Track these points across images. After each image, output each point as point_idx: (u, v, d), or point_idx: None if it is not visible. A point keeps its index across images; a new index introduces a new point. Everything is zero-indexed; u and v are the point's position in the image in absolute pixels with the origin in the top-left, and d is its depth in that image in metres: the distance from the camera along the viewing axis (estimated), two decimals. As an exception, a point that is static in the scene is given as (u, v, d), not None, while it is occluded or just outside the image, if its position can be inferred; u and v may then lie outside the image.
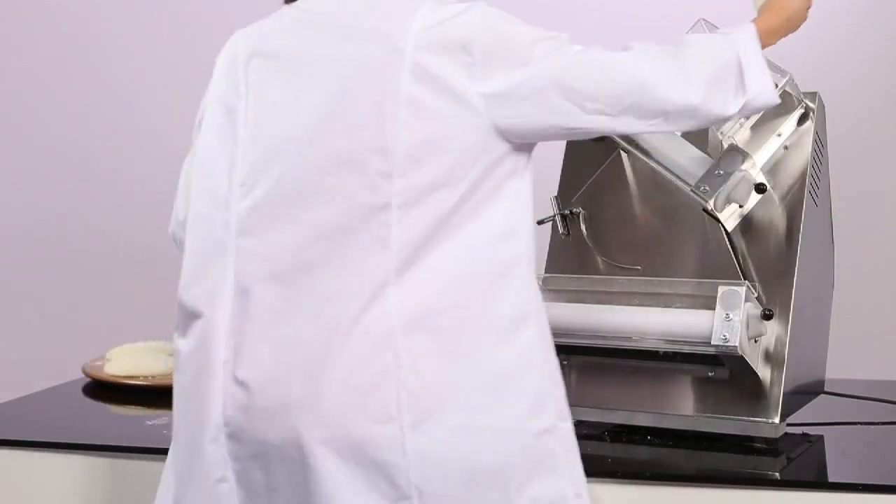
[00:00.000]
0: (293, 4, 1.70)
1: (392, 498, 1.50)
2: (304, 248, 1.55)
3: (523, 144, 1.61)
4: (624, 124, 1.62)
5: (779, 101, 1.74)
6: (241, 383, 1.54)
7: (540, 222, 2.10)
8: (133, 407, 2.37)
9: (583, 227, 2.08)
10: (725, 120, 1.76)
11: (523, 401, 1.56)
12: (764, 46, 1.73)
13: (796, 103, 2.00)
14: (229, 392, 1.55)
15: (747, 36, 1.72)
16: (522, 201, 1.62)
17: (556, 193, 2.12)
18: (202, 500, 1.59)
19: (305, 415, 1.51)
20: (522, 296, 1.58)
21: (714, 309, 1.85)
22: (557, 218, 2.09)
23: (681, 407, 1.95)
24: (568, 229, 2.09)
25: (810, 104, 2.01)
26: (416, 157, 1.53)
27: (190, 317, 1.61)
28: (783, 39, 1.87)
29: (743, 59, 1.68)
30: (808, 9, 1.84)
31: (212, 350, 1.57)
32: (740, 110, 1.68)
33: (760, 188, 1.92)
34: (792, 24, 1.83)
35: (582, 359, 2.02)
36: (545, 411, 1.57)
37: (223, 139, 1.66)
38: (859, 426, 2.10)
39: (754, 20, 1.78)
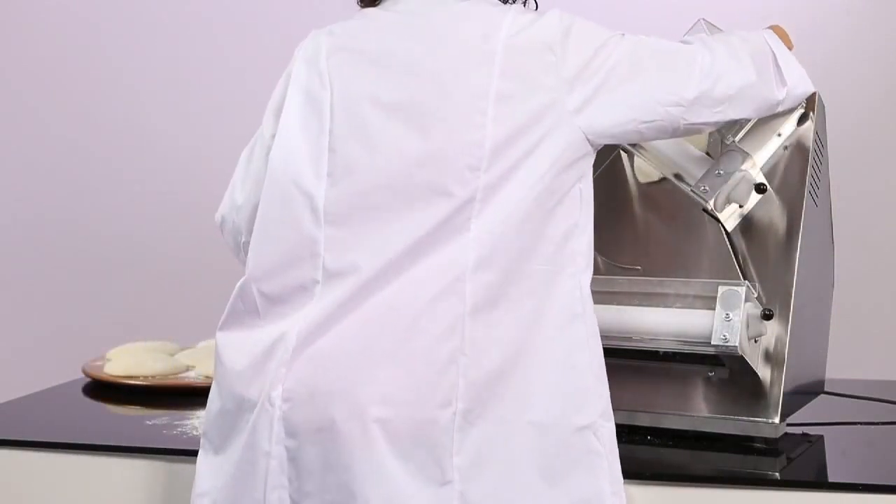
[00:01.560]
0: (381, 6, 1.74)
1: (437, 482, 1.53)
2: (391, 240, 1.59)
3: (591, 148, 1.68)
4: (696, 114, 1.70)
5: (814, 88, 1.88)
6: (310, 358, 1.57)
7: None
8: (133, 407, 2.37)
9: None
10: (776, 108, 1.84)
11: (567, 397, 1.61)
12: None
13: (796, 103, 2.00)
14: (295, 367, 1.57)
15: (771, 35, 1.87)
16: (586, 203, 1.67)
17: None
18: (250, 472, 1.61)
19: (370, 393, 1.54)
20: (574, 295, 1.63)
21: (714, 309, 1.85)
22: None
23: (681, 407, 1.95)
24: None
25: (810, 104, 2.01)
26: (501, 151, 1.59)
27: (274, 302, 1.65)
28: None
29: (776, 51, 1.82)
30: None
31: (288, 330, 1.60)
32: (784, 99, 1.82)
33: (760, 188, 1.92)
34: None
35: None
36: (588, 408, 1.63)
37: (307, 128, 1.68)
38: (859, 426, 2.10)
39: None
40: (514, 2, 1.76)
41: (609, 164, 2.09)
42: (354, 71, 1.68)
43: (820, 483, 1.80)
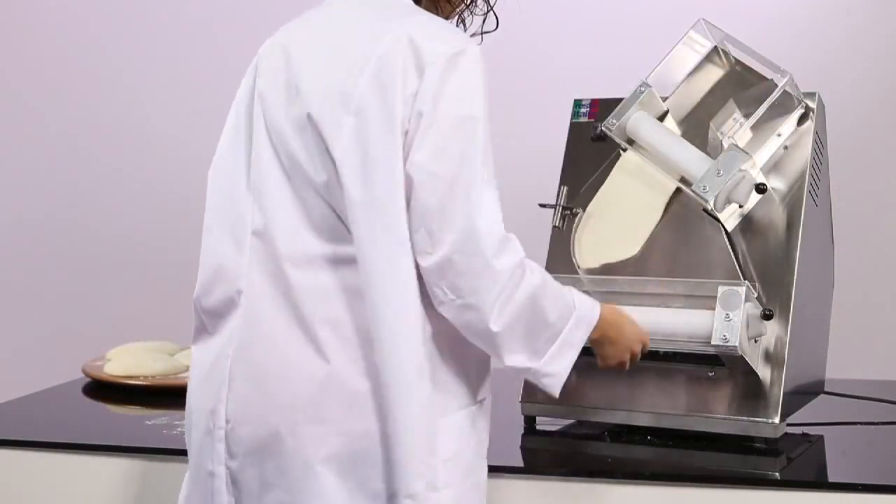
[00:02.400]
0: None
1: (377, 499, 1.54)
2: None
3: None
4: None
5: (556, 396, 1.67)
6: (247, 378, 1.58)
7: (542, 205, 2.10)
8: (133, 407, 2.37)
9: (575, 227, 2.08)
10: (497, 351, 1.61)
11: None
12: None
13: (796, 103, 2.00)
14: (234, 387, 1.58)
15: (587, 319, 1.67)
16: None
17: (566, 187, 2.11)
18: (195, 491, 1.64)
19: (304, 414, 1.54)
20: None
21: (714, 309, 1.85)
22: (559, 209, 2.08)
23: (681, 407, 1.95)
24: (563, 225, 2.08)
25: (810, 104, 2.01)
26: None
27: (212, 317, 1.66)
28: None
29: (567, 332, 1.64)
30: (633, 354, 1.80)
31: (226, 346, 1.61)
32: (516, 363, 1.60)
33: (760, 188, 1.92)
34: (615, 346, 1.77)
35: (582, 359, 2.02)
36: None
37: (237, 140, 1.68)
38: (859, 426, 2.10)
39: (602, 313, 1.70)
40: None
41: (609, 164, 2.09)
42: (276, 73, 1.66)
43: (820, 483, 1.80)
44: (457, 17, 1.76)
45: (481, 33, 1.76)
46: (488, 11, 1.77)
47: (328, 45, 1.61)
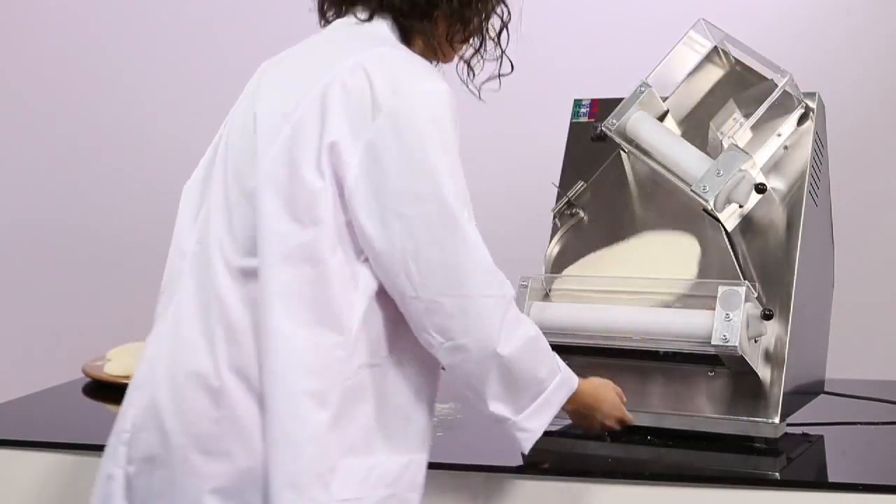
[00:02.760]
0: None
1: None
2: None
3: None
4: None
5: (525, 452, 1.66)
6: (154, 386, 1.58)
7: (554, 183, 2.09)
8: (133, 407, 2.37)
9: (574, 228, 2.08)
10: (481, 402, 1.59)
11: None
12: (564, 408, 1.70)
13: (796, 103, 2.01)
14: (142, 393, 1.59)
15: (569, 384, 1.67)
16: None
17: (580, 184, 2.12)
18: (97, 494, 1.63)
19: (196, 438, 1.53)
20: None
21: (714, 309, 1.85)
22: (565, 199, 2.08)
23: (681, 407, 1.95)
24: (569, 211, 2.08)
25: (810, 104, 2.01)
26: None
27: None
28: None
29: (550, 390, 1.63)
30: (606, 428, 1.84)
31: (149, 349, 1.64)
32: (497, 410, 1.59)
33: (760, 188, 1.92)
34: (588, 420, 1.81)
35: (582, 359, 2.02)
36: None
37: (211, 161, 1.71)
38: (859, 426, 2.10)
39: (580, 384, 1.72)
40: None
41: (609, 164, 2.09)
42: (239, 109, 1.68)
43: (820, 483, 1.80)
44: (464, 63, 1.71)
45: (499, 76, 1.72)
46: (501, 55, 1.72)
47: (290, 71, 1.62)
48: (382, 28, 1.63)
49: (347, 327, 1.50)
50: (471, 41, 1.69)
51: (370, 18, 1.63)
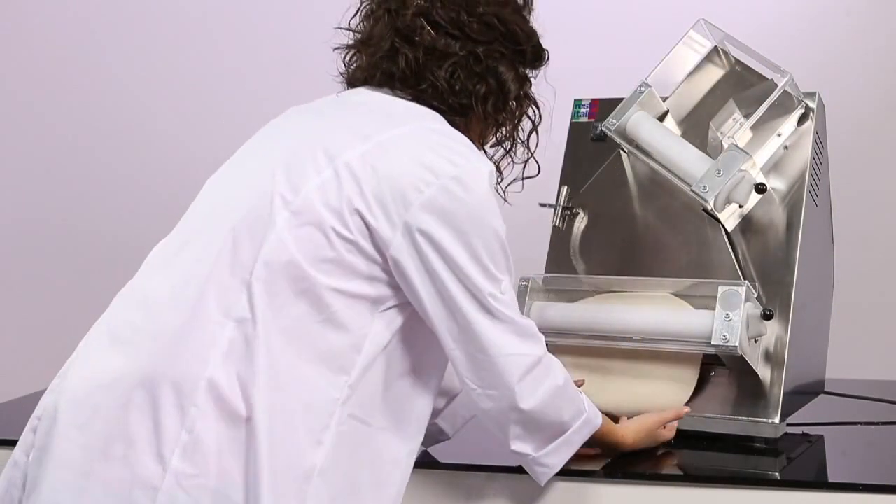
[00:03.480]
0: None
1: None
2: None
3: None
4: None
5: (542, 484, 1.71)
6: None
7: (542, 205, 2.10)
8: (133, 407, 2.36)
9: (574, 228, 2.08)
10: (509, 440, 1.65)
11: None
12: (614, 446, 1.78)
13: (796, 103, 2.00)
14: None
15: (592, 423, 1.70)
16: None
17: (565, 189, 2.11)
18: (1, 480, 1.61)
19: None
20: None
21: (714, 309, 1.85)
22: (559, 209, 2.09)
23: (681, 407, 1.95)
24: (563, 224, 2.08)
25: (810, 104, 2.01)
26: None
27: None
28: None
29: (572, 432, 1.67)
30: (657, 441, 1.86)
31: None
32: (523, 456, 1.66)
33: (760, 188, 1.92)
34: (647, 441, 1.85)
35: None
36: None
37: None
38: (859, 426, 2.10)
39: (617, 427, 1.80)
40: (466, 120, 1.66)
41: (609, 164, 2.09)
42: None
43: (820, 483, 1.80)
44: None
45: (522, 179, 1.74)
46: (528, 158, 1.74)
47: (336, 125, 1.60)
48: (425, 109, 1.63)
49: (347, 371, 1.51)
50: (502, 144, 1.72)
51: (414, 101, 1.63)
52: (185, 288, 1.51)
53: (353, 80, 1.69)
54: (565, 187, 2.11)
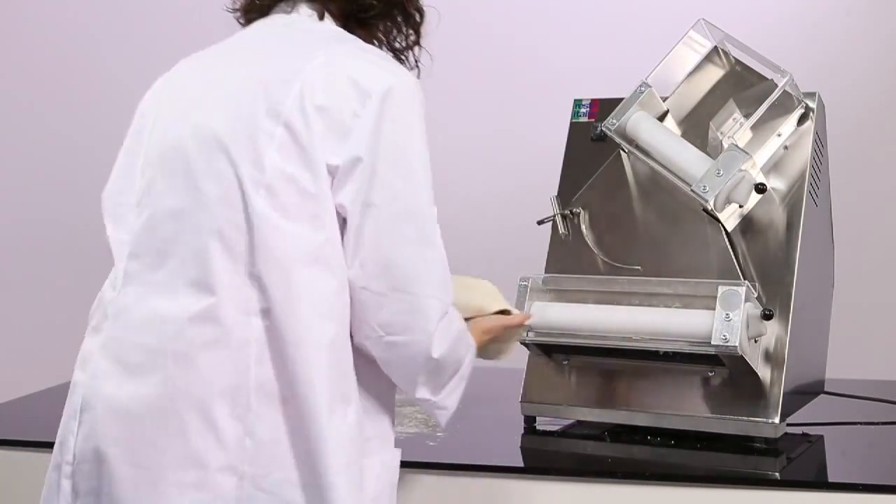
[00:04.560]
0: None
1: None
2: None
3: None
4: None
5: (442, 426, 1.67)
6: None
7: (540, 222, 2.11)
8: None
9: (583, 227, 2.08)
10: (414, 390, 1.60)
11: None
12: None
13: (796, 103, 2.01)
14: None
15: (474, 351, 1.65)
16: None
17: (556, 193, 2.12)
18: None
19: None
20: None
21: (714, 309, 1.85)
22: (557, 218, 2.09)
23: (681, 407, 1.95)
24: (568, 229, 2.09)
25: (810, 104, 2.01)
26: None
27: None
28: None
29: (464, 367, 1.62)
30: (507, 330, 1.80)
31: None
32: (422, 395, 1.60)
33: (760, 188, 1.92)
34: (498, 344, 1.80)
35: (582, 359, 2.02)
36: None
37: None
38: (859, 426, 2.10)
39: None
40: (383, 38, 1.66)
41: (609, 164, 2.09)
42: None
43: (820, 483, 1.80)
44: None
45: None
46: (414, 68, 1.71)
47: (241, 73, 1.56)
48: (331, 26, 1.62)
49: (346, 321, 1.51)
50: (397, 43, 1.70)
51: (320, 19, 1.62)
52: (191, 303, 1.48)
53: (249, 10, 1.69)
54: (556, 198, 2.11)
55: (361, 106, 1.47)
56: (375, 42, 1.65)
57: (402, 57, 1.68)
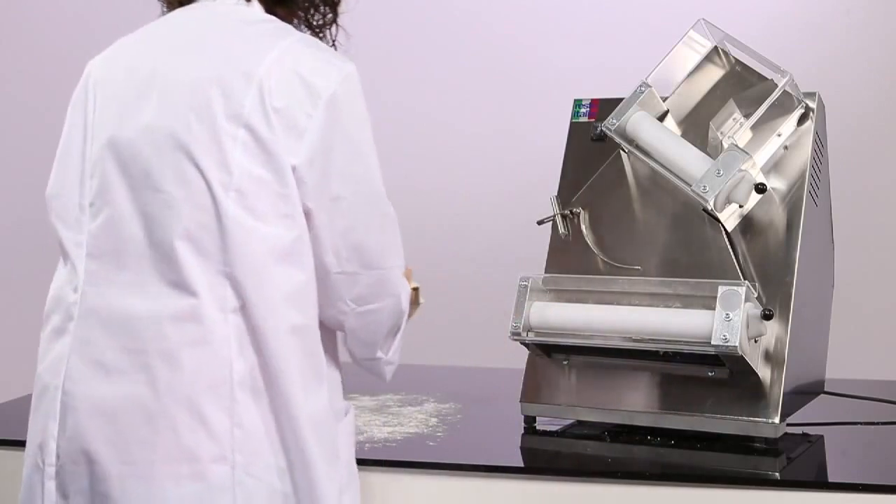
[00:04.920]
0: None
1: None
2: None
3: None
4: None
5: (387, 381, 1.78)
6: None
7: (540, 222, 2.11)
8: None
9: (583, 227, 2.08)
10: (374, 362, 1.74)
11: None
12: None
13: (796, 103, 2.01)
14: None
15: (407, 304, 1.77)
16: None
17: (556, 193, 2.12)
18: None
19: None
20: None
21: (714, 309, 1.85)
22: (557, 218, 2.09)
23: (681, 407, 1.95)
24: (568, 229, 2.09)
25: (810, 104, 2.01)
26: None
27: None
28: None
29: (404, 322, 1.74)
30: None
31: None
32: (376, 360, 1.72)
33: (760, 188, 1.92)
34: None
35: (582, 359, 2.02)
36: None
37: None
38: (859, 426, 2.10)
39: None
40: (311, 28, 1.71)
41: (609, 164, 2.09)
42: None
43: (820, 483, 1.80)
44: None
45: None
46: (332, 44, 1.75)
47: (187, 69, 1.57)
48: (260, 12, 1.64)
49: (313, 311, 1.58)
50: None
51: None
52: (170, 303, 1.50)
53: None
54: (556, 198, 2.11)
55: (313, 106, 1.52)
56: (295, 20, 1.69)
57: (321, 35, 1.72)
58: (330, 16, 1.72)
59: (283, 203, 1.50)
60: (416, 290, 1.84)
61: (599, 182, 2.10)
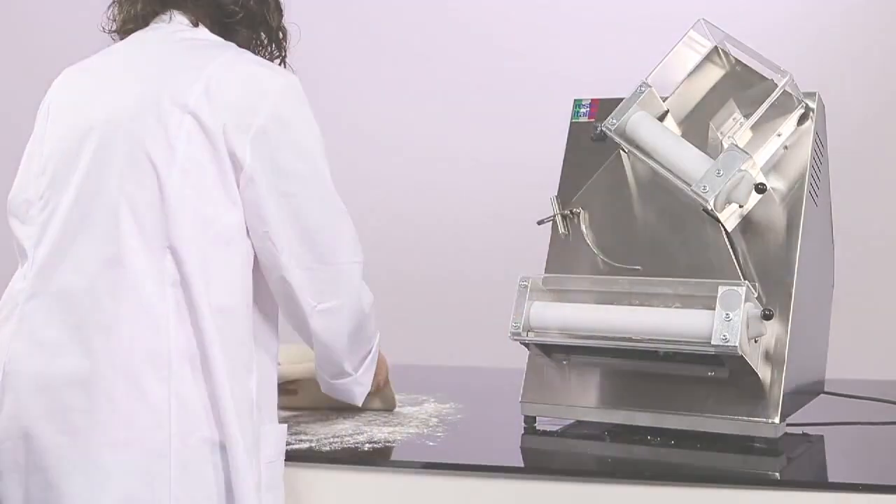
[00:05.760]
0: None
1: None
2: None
3: None
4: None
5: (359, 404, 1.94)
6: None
7: (540, 222, 2.11)
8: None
9: (583, 227, 2.08)
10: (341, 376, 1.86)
11: None
12: None
13: (796, 103, 2.01)
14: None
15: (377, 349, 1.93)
16: None
17: (556, 193, 2.12)
18: None
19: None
20: None
21: (714, 309, 1.85)
22: (557, 218, 2.09)
23: (681, 407, 1.95)
24: (568, 229, 2.09)
25: (810, 104, 2.01)
26: None
27: None
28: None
29: (373, 351, 1.90)
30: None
31: None
32: (346, 376, 1.85)
33: (760, 188, 1.92)
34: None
35: (582, 359, 2.02)
36: None
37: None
38: (859, 426, 2.10)
39: None
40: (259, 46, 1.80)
41: (609, 164, 2.09)
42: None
43: (820, 483, 1.80)
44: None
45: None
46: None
47: (135, 85, 1.66)
48: (208, 34, 1.75)
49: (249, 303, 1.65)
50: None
51: (195, 25, 1.75)
52: (107, 278, 1.56)
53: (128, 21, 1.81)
54: (556, 198, 2.11)
55: (261, 104, 1.60)
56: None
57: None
58: (277, 55, 1.83)
59: (226, 191, 1.59)
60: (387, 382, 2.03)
61: (599, 182, 2.10)
